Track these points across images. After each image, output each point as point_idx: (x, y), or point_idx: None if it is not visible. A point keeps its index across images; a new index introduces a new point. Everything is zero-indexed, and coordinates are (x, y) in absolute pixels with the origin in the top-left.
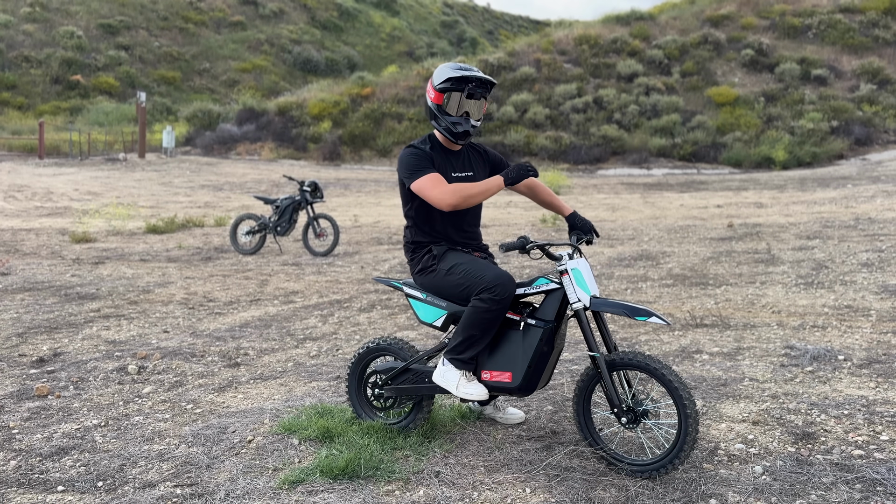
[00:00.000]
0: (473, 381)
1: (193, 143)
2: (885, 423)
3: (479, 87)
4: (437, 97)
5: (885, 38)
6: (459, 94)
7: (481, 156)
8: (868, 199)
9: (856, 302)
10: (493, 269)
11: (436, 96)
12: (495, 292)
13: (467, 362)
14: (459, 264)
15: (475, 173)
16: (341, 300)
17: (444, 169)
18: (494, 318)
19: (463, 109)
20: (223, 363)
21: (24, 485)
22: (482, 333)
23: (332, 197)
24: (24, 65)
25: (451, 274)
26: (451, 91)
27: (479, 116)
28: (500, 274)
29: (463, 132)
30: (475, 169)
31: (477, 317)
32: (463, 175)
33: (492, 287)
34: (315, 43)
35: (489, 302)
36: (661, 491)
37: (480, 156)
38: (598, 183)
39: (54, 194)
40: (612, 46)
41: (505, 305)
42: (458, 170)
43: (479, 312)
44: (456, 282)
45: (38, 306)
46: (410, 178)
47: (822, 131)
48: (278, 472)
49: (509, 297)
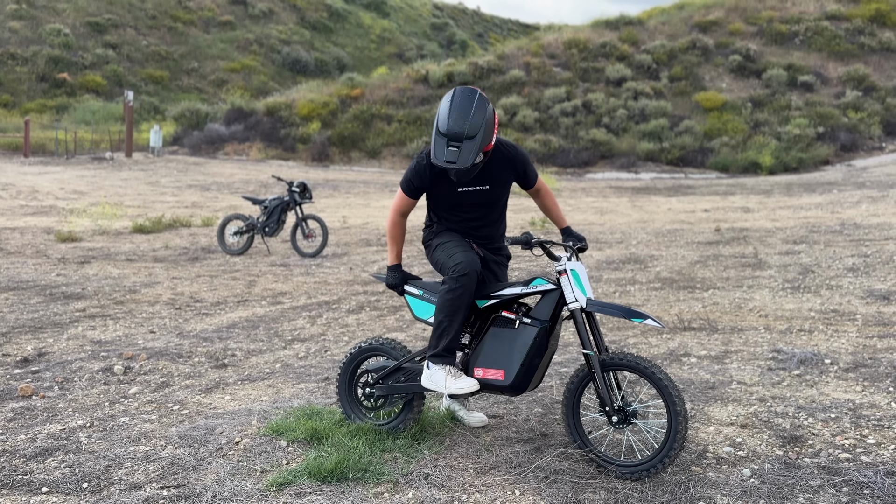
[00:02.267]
0: (461, 375)
1: (181, 143)
2: (872, 427)
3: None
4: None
5: (870, 46)
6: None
7: (507, 163)
8: (853, 205)
9: (842, 306)
10: (466, 253)
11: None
12: (456, 270)
13: (444, 355)
14: (444, 242)
15: (493, 187)
16: (330, 301)
17: (449, 185)
18: (456, 300)
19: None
20: (210, 364)
21: (8, 486)
22: (449, 319)
23: (321, 198)
24: (10, 62)
25: (436, 250)
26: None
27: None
28: (468, 256)
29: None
30: (493, 181)
31: (442, 299)
32: (475, 189)
33: (455, 265)
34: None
35: (450, 281)
36: (649, 493)
37: (505, 164)
38: (587, 186)
39: (40, 193)
40: (601, 51)
41: (466, 287)
42: (469, 184)
43: (442, 294)
44: (436, 257)
45: (23, 305)
46: (400, 184)
47: (808, 137)
48: (266, 473)
49: (469, 277)
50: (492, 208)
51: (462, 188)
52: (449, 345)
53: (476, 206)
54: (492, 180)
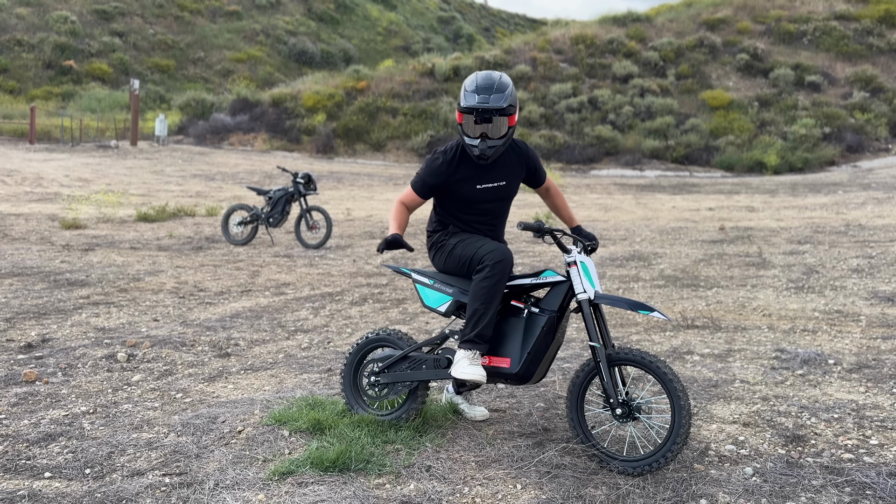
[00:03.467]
0: (477, 365)
1: (186, 132)
2: (875, 428)
3: (483, 114)
4: (459, 117)
5: (878, 47)
6: (472, 117)
7: (521, 159)
8: (859, 206)
9: (846, 307)
10: (492, 243)
11: (458, 116)
12: (492, 257)
13: (477, 341)
14: (464, 240)
15: (509, 182)
16: (333, 293)
17: (468, 181)
18: (492, 287)
19: (479, 132)
20: (213, 353)
21: (11, 470)
22: (484, 306)
23: (325, 190)
24: (17, 49)
25: (456, 247)
26: (466, 113)
27: (501, 133)
28: (497, 245)
29: (479, 155)
30: (510, 177)
31: (476, 287)
32: (493, 185)
33: (487, 254)
34: (311, 35)
35: (485, 269)
36: (651, 490)
37: (520, 159)
38: (591, 183)
39: (44, 180)
40: (608, 47)
41: (502, 273)
42: (487, 180)
43: (477, 282)
44: (459, 254)
45: (27, 292)
46: (411, 183)
47: (814, 137)
48: (268, 463)
49: (504, 263)
50: (505, 204)
51: (481, 185)
52: (482, 331)
53: (493, 202)
54: (508, 175)
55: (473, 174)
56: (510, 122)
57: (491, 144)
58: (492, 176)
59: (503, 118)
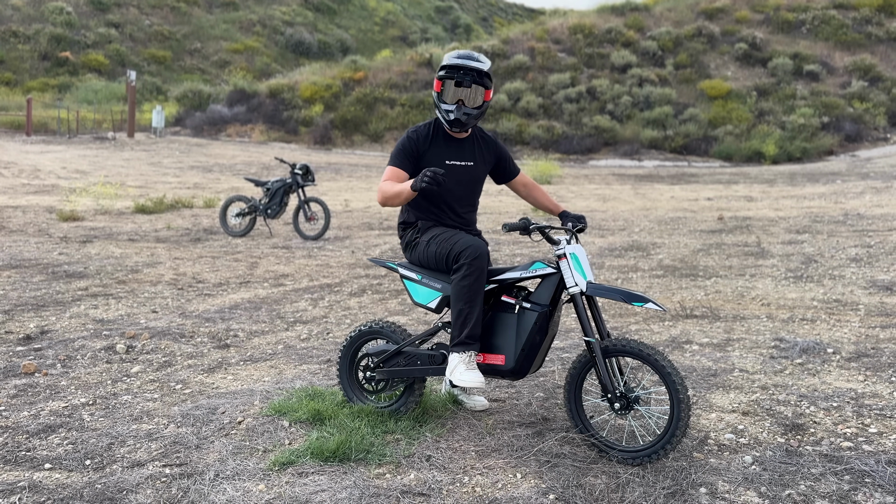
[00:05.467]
0: (474, 367)
1: (183, 124)
2: (874, 416)
3: (466, 76)
4: (437, 85)
5: (877, 36)
6: (451, 81)
7: (490, 147)
8: (857, 196)
9: (844, 296)
10: (466, 237)
11: (436, 84)
12: (467, 255)
13: (468, 342)
14: (437, 235)
15: (476, 163)
16: (331, 284)
17: (437, 156)
18: (472, 285)
19: (457, 98)
20: (213, 344)
21: (11, 462)
22: (468, 305)
23: (323, 181)
24: (13, 40)
25: (430, 245)
26: (446, 79)
27: (477, 104)
28: (471, 240)
29: (454, 120)
30: (478, 159)
31: (457, 288)
32: (461, 164)
33: (463, 250)
34: (308, 25)
35: (462, 269)
36: (651, 479)
37: (489, 146)
38: (590, 173)
39: (42, 172)
40: (606, 36)
41: (480, 269)
42: (457, 158)
43: (457, 283)
44: (434, 251)
45: (25, 284)
46: (388, 164)
47: (812, 127)
48: (268, 453)
49: (481, 258)
50: (474, 187)
51: (450, 161)
52: (472, 331)
53: (460, 184)
54: (475, 157)
55: (443, 150)
56: (485, 97)
57: (466, 111)
58: (461, 155)
59: (480, 89)
